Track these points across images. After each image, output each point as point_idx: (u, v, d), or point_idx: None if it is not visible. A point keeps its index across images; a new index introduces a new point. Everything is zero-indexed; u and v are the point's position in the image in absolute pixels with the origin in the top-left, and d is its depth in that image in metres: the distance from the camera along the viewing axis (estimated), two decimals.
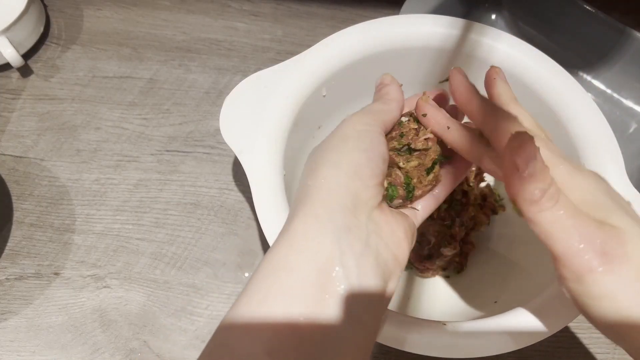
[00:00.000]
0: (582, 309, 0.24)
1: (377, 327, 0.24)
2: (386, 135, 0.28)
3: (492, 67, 0.30)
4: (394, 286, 0.25)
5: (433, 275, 0.41)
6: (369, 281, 0.23)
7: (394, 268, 0.25)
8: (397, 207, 0.28)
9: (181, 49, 0.52)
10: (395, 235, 0.25)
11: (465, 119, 0.29)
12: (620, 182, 0.32)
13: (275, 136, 0.33)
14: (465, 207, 0.39)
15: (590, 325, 0.24)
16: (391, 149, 0.28)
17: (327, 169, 0.25)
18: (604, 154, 0.33)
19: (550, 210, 0.22)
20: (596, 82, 0.49)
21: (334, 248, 0.22)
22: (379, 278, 0.23)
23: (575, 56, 0.49)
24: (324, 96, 0.37)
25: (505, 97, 0.29)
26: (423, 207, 0.29)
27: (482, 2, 0.52)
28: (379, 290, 0.23)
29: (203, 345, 0.39)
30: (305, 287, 0.21)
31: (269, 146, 0.33)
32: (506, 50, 0.37)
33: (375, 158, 0.25)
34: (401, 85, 0.29)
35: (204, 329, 0.40)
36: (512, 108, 0.28)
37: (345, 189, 0.24)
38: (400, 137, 0.29)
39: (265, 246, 0.43)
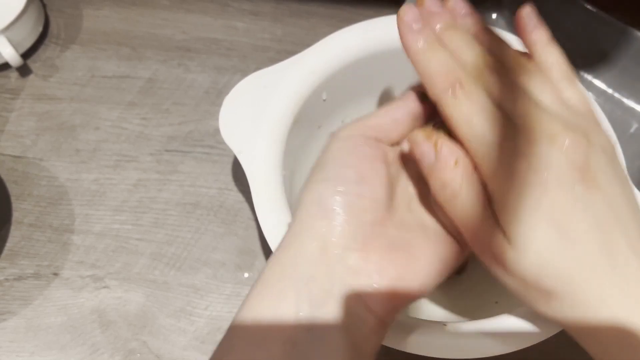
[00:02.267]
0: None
1: None
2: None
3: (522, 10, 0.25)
4: (372, 347, 0.22)
5: None
6: (322, 340, 0.21)
7: (373, 327, 0.22)
8: None
9: (180, 48, 0.52)
10: (372, 287, 0.21)
11: None
12: None
13: (275, 136, 0.33)
14: None
15: None
16: None
17: (300, 208, 0.23)
18: None
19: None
20: (597, 82, 0.49)
21: (293, 301, 0.21)
22: (341, 337, 0.21)
23: (576, 56, 0.48)
24: (324, 100, 0.37)
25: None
26: None
27: (483, 1, 0.52)
28: (336, 349, 0.21)
29: (202, 346, 0.39)
30: (267, 336, 0.21)
31: (269, 146, 0.33)
32: None
33: (343, 183, 0.22)
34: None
35: (204, 330, 0.40)
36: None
37: (309, 233, 0.22)
38: None
39: (264, 246, 0.43)
